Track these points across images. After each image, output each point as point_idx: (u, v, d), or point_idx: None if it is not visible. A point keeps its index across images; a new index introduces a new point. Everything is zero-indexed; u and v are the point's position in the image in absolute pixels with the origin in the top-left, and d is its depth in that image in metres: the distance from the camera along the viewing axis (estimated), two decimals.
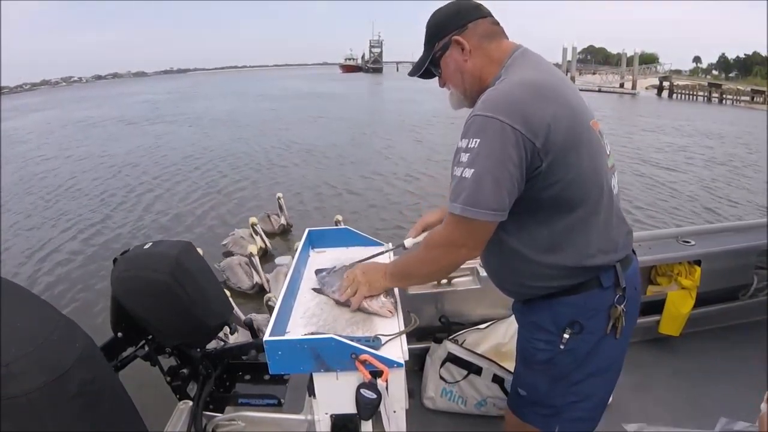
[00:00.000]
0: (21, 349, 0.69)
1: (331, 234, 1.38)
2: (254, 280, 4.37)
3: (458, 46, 0.95)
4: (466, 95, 0.99)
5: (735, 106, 24.62)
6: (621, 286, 0.94)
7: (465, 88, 0.98)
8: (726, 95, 26.63)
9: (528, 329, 1.01)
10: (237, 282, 4.40)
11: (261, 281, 4.35)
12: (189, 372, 1.25)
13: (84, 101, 34.78)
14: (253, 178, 8.88)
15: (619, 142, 11.69)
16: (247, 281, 4.40)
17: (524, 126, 0.81)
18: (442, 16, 0.97)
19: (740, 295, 2.09)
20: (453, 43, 0.95)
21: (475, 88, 0.96)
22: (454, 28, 0.95)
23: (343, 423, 0.90)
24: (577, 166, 0.86)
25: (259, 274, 4.35)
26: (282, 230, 5.89)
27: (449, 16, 0.96)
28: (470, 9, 0.96)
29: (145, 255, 1.12)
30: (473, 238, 0.88)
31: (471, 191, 0.82)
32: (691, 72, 53.83)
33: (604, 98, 25.58)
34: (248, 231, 5.28)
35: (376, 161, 10.09)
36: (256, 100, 27.81)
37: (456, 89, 1.00)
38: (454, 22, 0.95)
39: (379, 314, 0.98)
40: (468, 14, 0.95)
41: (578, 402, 1.00)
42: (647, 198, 7.32)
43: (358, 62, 76.09)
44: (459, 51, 0.95)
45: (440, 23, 0.97)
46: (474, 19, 0.95)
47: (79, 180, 9.24)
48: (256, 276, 4.36)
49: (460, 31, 0.94)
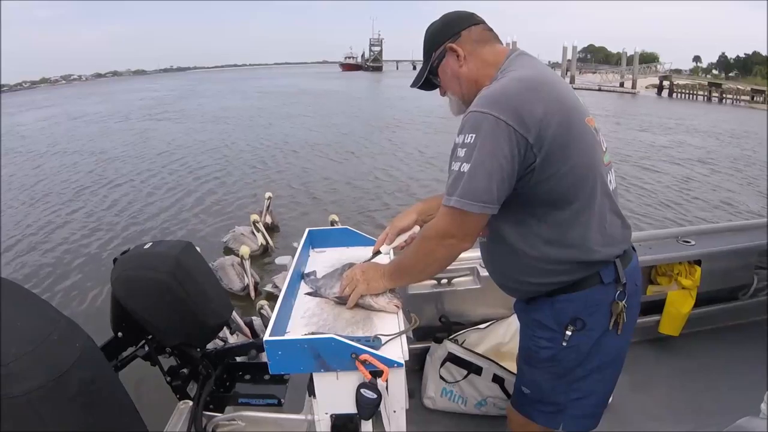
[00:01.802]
0: (21, 348, 0.69)
1: (331, 234, 1.38)
2: (245, 281, 4.33)
3: (453, 54, 0.98)
4: (464, 100, 1.01)
5: (735, 106, 24.62)
6: (621, 282, 0.95)
7: (462, 93, 1.01)
8: (726, 95, 26.62)
9: (530, 327, 1.03)
10: (228, 283, 4.36)
11: (249, 284, 4.30)
12: (189, 372, 1.25)
13: (85, 98, 34.85)
14: (263, 173, 8.96)
15: (620, 139, 11.72)
16: (238, 282, 4.36)
17: (516, 121, 0.83)
18: (436, 27, 1.01)
19: (740, 295, 2.09)
20: (448, 50, 0.98)
21: (473, 92, 0.96)
22: (449, 37, 0.98)
23: (343, 423, 0.90)
24: (571, 160, 0.88)
25: (248, 276, 4.31)
26: (266, 229, 5.77)
27: (443, 27, 1.00)
28: (463, 17, 1.00)
29: (145, 255, 1.11)
30: (463, 229, 0.90)
31: (464, 184, 0.85)
32: (692, 71, 53.67)
33: (604, 97, 25.57)
34: (249, 228, 5.27)
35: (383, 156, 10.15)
36: (259, 97, 27.98)
37: (454, 95, 1.03)
38: (448, 32, 0.99)
39: (386, 310, 0.99)
40: (461, 22, 0.99)
41: (582, 398, 1.02)
42: (645, 197, 7.32)
43: (358, 60, 76.05)
44: (454, 58, 0.98)
45: (435, 34, 1.00)
46: (467, 27, 0.98)
47: (78, 180, 9.23)
48: (246, 278, 4.32)
49: (454, 39, 0.98)
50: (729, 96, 26.43)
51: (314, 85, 38.82)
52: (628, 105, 22.78)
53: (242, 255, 4.30)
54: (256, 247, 5.11)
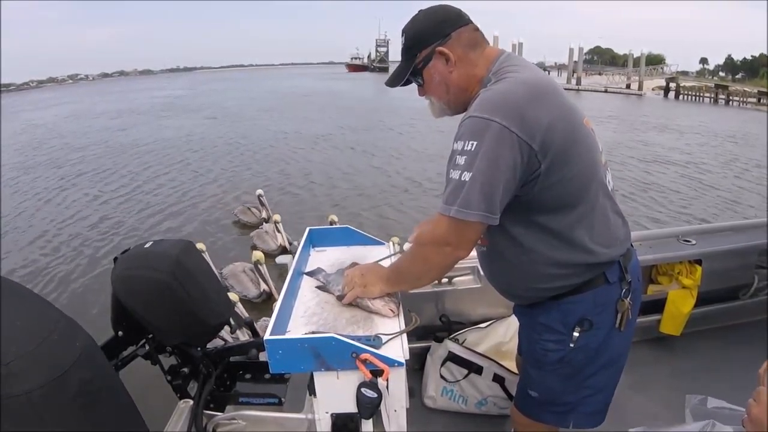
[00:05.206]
0: (21, 348, 0.69)
1: (332, 233, 1.37)
2: (261, 287, 4.17)
3: (442, 57, 0.92)
4: (450, 105, 0.98)
5: (741, 108, 24.47)
6: (627, 280, 0.95)
7: (449, 99, 0.97)
8: (732, 97, 26.45)
9: (535, 331, 1.01)
10: (243, 290, 4.17)
11: (269, 289, 4.14)
12: (189, 371, 1.25)
13: (95, 96, 34.88)
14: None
15: (623, 140, 11.72)
16: (253, 289, 4.19)
17: (521, 128, 0.80)
18: (423, 24, 0.94)
19: (741, 294, 2.09)
20: (436, 54, 0.92)
21: (460, 98, 0.95)
22: (438, 38, 0.92)
23: (344, 422, 0.89)
24: (576, 163, 0.87)
25: (266, 281, 4.14)
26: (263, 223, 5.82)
27: (431, 25, 0.93)
28: (452, 17, 0.93)
29: (145, 254, 1.11)
30: (461, 238, 0.87)
31: (464, 194, 0.82)
32: (698, 73, 53.15)
33: (611, 99, 25.44)
34: (272, 226, 5.28)
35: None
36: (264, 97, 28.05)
37: (439, 100, 0.98)
38: (437, 32, 0.92)
39: (381, 313, 0.98)
40: (451, 23, 0.93)
41: (592, 395, 1.01)
42: (645, 197, 7.31)
43: (365, 61, 75.44)
44: (443, 62, 0.93)
45: (422, 32, 0.93)
46: (457, 28, 0.92)
47: (80, 178, 9.23)
48: (263, 284, 4.16)
49: (444, 42, 0.92)
50: (735, 98, 26.21)
51: (320, 86, 38.84)
52: (634, 107, 22.76)
53: (256, 260, 4.04)
54: (275, 247, 5.08)
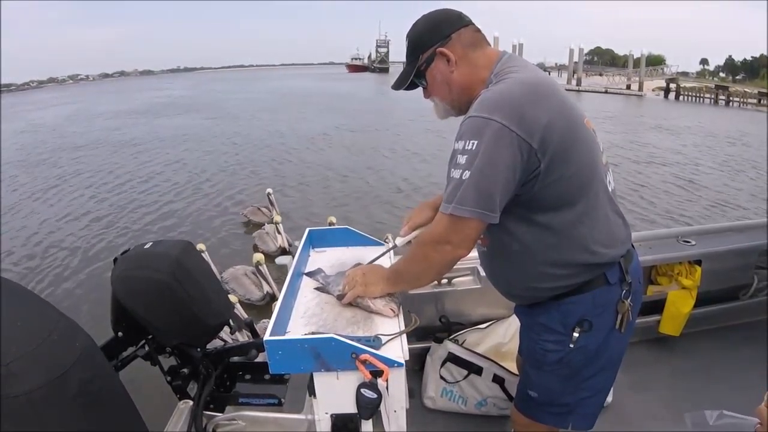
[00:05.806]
0: (21, 348, 0.69)
1: (332, 234, 1.37)
2: (264, 290, 4.14)
3: (443, 58, 0.94)
4: (453, 106, 0.99)
5: (742, 109, 24.45)
6: (627, 281, 0.95)
7: (452, 99, 0.98)
8: (733, 98, 26.42)
9: (535, 331, 1.01)
10: (245, 293, 4.13)
11: (272, 290, 4.10)
12: (189, 371, 1.24)
13: (98, 96, 34.90)
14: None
15: (624, 141, 11.73)
16: (256, 292, 4.15)
17: (520, 127, 0.81)
18: (424, 27, 0.96)
19: (740, 295, 2.09)
20: (438, 54, 0.94)
21: (464, 98, 0.95)
22: (438, 40, 0.94)
23: (344, 423, 0.89)
24: (576, 162, 0.87)
25: (269, 282, 4.11)
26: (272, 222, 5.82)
27: (432, 28, 0.95)
28: (453, 19, 0.95)
29: (145, 255, 1.11)
30: (460, 237, 0.87)
31: (463, 192, 0.83)
32: (698, 74, 52.95)
33: (611, 99, 25.42)
34: (273, 227, 5.30)
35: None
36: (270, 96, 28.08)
37: (443, 101, 0.99)
38: (437, 34, 0.94)
39: (382, 313, 0.98)
40: (451, 24, 0.94)
41: (590, 397, 1.02)
42: (646, 198, 7.32)
43: (365, 62, 75.19)
44: (444, 62, 0.94)
45: (423, 35, 0.95)
46: (457, 29, 0.94)
47: (79, 177, 9.23)
48: (266, 285, 4.13)
49: (444, 42, 0.93)
50: (736, 99, 26.17)
51: (320, 86, 38.84)
52: (634, 107, 22.78)
53: (257, 262, 4.04)
54: (275, 248, 5.08)
